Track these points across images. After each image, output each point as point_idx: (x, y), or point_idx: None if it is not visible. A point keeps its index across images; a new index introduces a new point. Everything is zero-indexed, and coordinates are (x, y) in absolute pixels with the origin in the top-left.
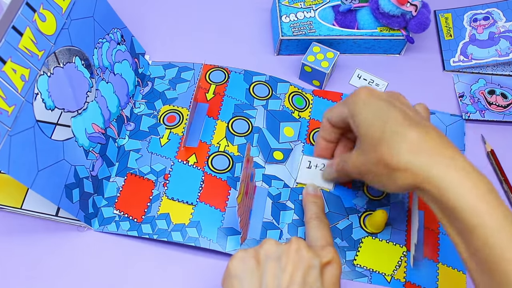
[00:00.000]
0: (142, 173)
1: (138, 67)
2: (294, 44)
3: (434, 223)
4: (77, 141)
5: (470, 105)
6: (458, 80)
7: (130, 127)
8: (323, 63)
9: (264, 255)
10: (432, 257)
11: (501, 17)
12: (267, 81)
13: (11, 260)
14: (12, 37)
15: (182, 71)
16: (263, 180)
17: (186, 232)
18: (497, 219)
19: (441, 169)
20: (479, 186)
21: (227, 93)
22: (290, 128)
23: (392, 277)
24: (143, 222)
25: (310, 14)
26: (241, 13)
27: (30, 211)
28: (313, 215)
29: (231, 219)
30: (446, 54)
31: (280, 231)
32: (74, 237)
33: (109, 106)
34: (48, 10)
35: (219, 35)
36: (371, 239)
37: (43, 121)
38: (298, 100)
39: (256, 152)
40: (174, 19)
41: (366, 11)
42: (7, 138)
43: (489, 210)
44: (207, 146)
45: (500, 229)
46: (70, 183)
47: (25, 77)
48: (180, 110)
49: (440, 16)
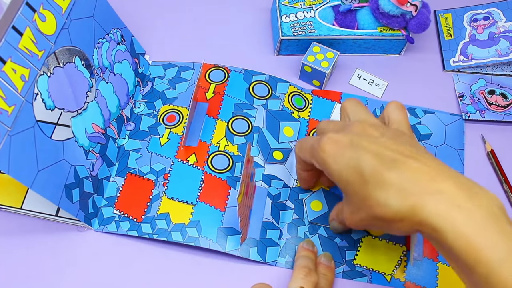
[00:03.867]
0: (142, 173)
1: (138, 67)
2: (294, 44)
3: None
4: (77, 141)
5: (470, 105)
6: (458, 80)
7: (130, 127)
8: (323, 63)
9: None
10: (432, 257)
11: (501, 17)
12: (267, 80)
13: (11, 260)
14: (12, 37)
15: (182, 70)
16: (263, 180)
17: (186, 232)
18: (498, 251)
19: (431, 209)
20: (474, 217)
21: (227, 93)
22: (289, 128)
23: (392, 277)
24: (143, 222)
25: (310, 14)
26: (241, 13)
27: (30, 211)
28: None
29: (231, 219)
30: (446, 54)
31: (280, 231)
32: (74, 237)
33: (109, 106)
34: (48, 10)
35: (219, 35)
36: (370, 239)
37: (43, 121)
38: (297, 100)
39: (256, 152)
40: (174, 19)
41: (366, 11)
42: (7, 138)
43: (487, 244)
44: (207, 145)
45: (502, 263)
46: (70, 183)
47: (25, 77)
48: (180, 109)
49: (440, 16)
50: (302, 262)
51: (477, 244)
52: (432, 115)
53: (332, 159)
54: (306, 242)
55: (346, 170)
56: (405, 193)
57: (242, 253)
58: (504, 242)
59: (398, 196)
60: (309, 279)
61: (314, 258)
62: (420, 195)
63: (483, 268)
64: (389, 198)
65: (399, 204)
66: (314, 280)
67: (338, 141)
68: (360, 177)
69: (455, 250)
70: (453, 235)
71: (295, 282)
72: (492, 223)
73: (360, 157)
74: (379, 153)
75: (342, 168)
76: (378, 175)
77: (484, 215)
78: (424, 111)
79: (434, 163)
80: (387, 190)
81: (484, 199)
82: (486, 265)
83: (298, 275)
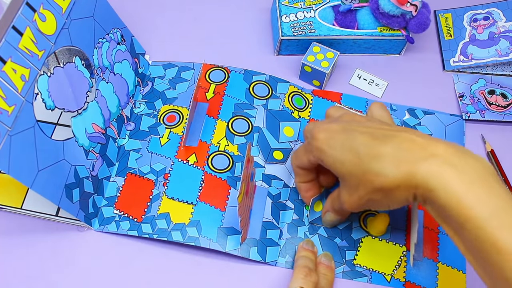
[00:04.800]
0: (142, 173)
1: (138, 67)
2: (294, 44)
3: (434, 223)
4: (77, 141)
5: (470, 105)
6: (458, 80)
7: (130, 127)
8: (323, 63)
9: None
10: (432, 257)
11: (501, 17)
12: (267, 80)
13: (11, 260)
14: (12, 37)
15: (182, 70)
16: (263, 180)
17: (186, 232)
18: (487, 208)
19: (425, 171)
20: (466, 175)
21: (227, 93)
22: (290, 128)
23: (392, 277)
24: (143, 221)
25: (310, 14)
26: (241, 13)
27: (30, 211)
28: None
29: (231, 219)
30: (446, 54)
31: (280, 231)
32: (74, 237)
33: (109, 106)
34: (48, 10)
35: (219, 34)
36: (370, 239)
37: (43, 121)
38: (297, 100)
39: (256, 151)
40: (174, 19)
41: (366, 11)
42: (7, 138)
43: (476, 201)
44: (207, 145)
45: (490, 218)
46: (70, 183)
47: (25, 77)
48: (180, 109)
49: (440, 16)
50: (302, 262)
51: (467, 202)
52: (432, 116)
53: (326, 145)
54: (306, 242)
55: (341, 153)
56: (400, 161)
57: (242, 252)
58: (491, 199)
59: (394, 164)
60: (309, 279)
61: (314, 258)
62: (414, 160)
63: (472, 224)
64: (385, 167)
65: (395, 171)
66: (314, 280)
67: (330, 128)
68: (355, 156)
69: (447, 209)
70: (445, 194)
71: (295, 282)
72: (482, 182)
73: (353, 138)
74: (371, 132)
75: (337, 151)
76: (372, 149)
77: (474, 175)
78: (424, 112)
79: (425, 135)
80: (382, 161)
81: (475, 161)
82: (475, 221)
83: (298, 275)
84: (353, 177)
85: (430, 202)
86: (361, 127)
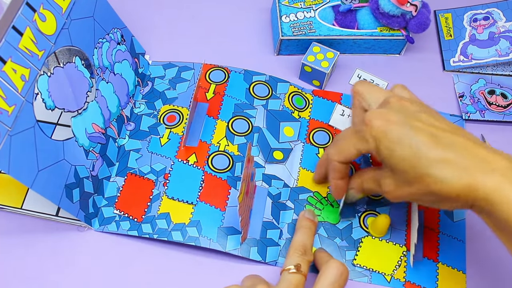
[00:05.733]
0: (142, 173)
1: (138, 67)
2: (294, 44)
3: (434, 223)
4: (77, 141)
5: (470, 105)
6: (458, 80)
7: (130, 127)
8: (323, 63)
9: None
10: (432, 257)
11: (501, 17)
12: (267, 81)
13: (11, 260)
14: (12, 37)
15: (182, 70)
16: (263, 180)
17: (186, 232)
18: None
19: (487, 186)
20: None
21: (227, 93)
22: (290, 128)
23: (392, 277)
24: (143, 221)
25: (310, 14)
26: (241, 13)
27: (30, 211)
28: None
29: (231, 219)
30: (446, 54)
31: (280, 231)
32: (74, 237)
33: (109, 106)
34: (48, 10)
35: (219, 34)
36: (370, 239)
37: (43, 121)
38: (298, 100)
39: (256, 151)
40: (174, 19)
41: (366, 11)
42: (7, 138)
43: None
44: (207, 145)
45: None
46: (70, 183)
47: (25, 77)
48: (180, 109)
49: (440, 16)
50: (300, 238)
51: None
52: None
53: (383, 134)
54: (308, 211)
55: (400, 147)
56: (461, 172)
57: (243, 252)
58: None
59: (455, 175)
60: (305, 258)
61: (314, 229)
62: (476, 173)
63: None
64: (446, 176)
65: (455, 182)
66: (309, 259)
67: (386, 117)
68: (415, 155)
69: (510, 224)
70: (508, 209)
71: (291, 260)
72: None
73: (413, 135)
74: (431, 132)
75: (396, 145)
76: (434, 154)
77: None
78: None
79: (485, 145)
80: (443, 168)
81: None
82: None
83: (294, 254)
84: (408, 174)
85: (488, 213)
86: (419, 121)
